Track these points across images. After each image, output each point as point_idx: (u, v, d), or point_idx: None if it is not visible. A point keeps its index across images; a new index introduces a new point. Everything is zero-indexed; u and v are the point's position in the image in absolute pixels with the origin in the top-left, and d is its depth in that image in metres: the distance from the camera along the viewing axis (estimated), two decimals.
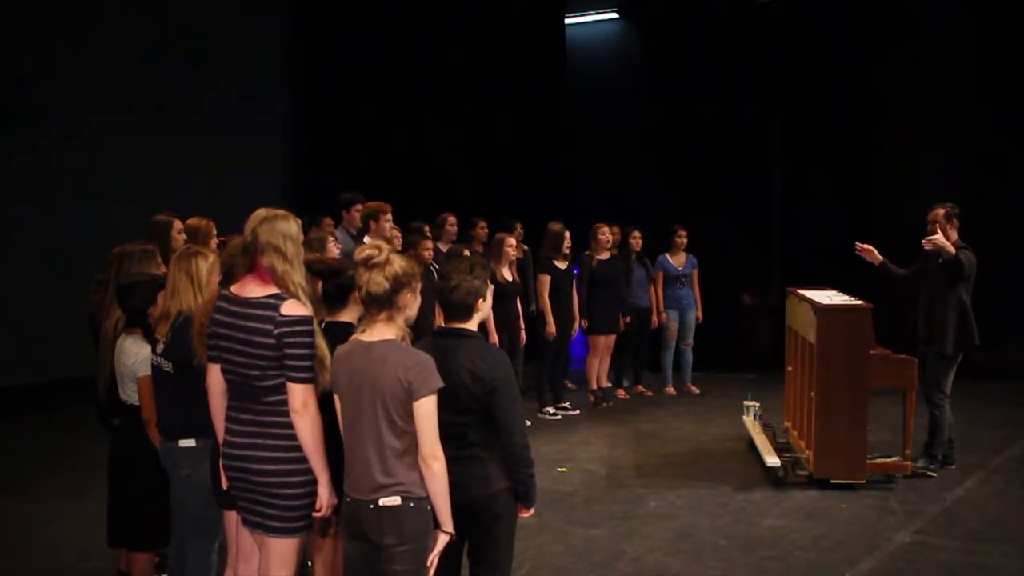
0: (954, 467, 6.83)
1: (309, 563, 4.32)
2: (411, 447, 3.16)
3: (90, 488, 5.98)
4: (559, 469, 6.99)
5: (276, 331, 3.31)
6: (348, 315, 3.80)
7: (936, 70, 10.38)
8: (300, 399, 3.33)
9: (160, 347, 4.02)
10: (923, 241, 6.56)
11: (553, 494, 6.29)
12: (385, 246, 3.36)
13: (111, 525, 4.50)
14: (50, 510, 6.15)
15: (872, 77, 10.71)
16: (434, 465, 3.14)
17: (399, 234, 7.37)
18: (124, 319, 4.39)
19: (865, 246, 6.88)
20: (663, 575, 5.03)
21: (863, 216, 10.71)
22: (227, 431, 3.47)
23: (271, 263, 3.40)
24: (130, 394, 4.30)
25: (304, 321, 3.36)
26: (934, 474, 6.66)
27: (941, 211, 6.79)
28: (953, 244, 6.65)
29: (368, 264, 3.22)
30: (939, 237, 6.50)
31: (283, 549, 3.43)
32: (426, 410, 3.12)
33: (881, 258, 6.89)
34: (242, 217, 3.54)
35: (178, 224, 5.72)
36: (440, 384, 3.15)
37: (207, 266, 4.02)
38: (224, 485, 3.58)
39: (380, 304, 3.21)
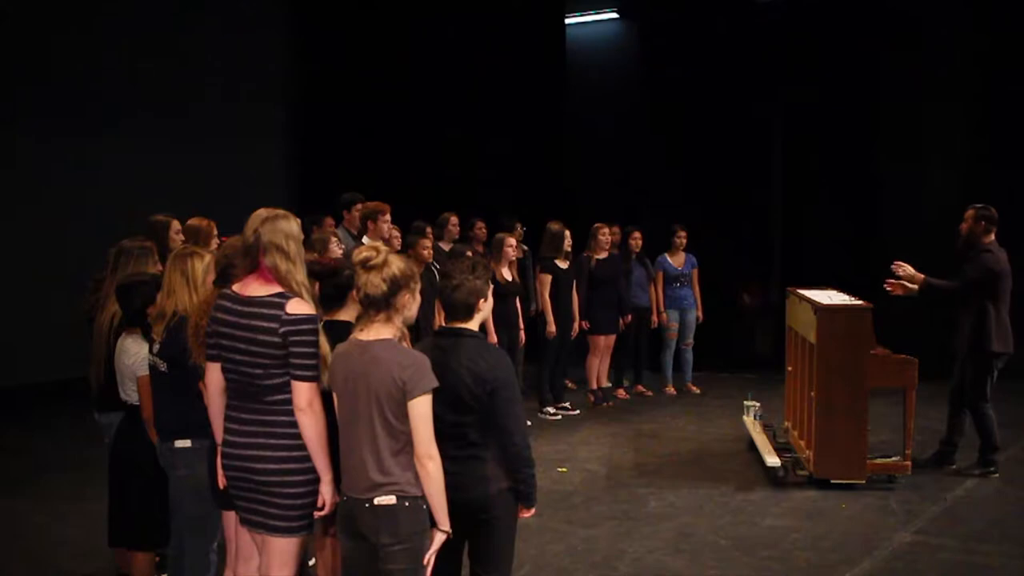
0: (954, 466, 6.84)
1: (310, 563, 4.32)
2: (406, 446, 3.16)
3: (90, 488, 5.98)
4: (559, 469, 6.99)
5: (282, 330, 3.32)
6: (346, 314, 3.81)
7: (937, 70, 10.36)
8: (305, 397, 3.33)
9: (156, 347, 4.02)
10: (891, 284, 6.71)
11: (553, 494, 6.28)
12: (383, 247, 3.37)
13: (111, 524, 4.50)
14: (50, 510, 6.15)
15: (872, 77, 10.70)
16: (429, 465, 3.14)
17: (398, 234, 7.38)
18: (120, 315, 4.40)
19: (894, 282, 6.72)
20: (663, 575, 5.03)
21: (863, 216, 10.71)
22: (227, 431, 3.47)
23: (274, 262, 3.40)
24: (130, 393, 4.30)
25: (309, 319, 3.37)
26: (996, 474, 6.68)
27: (971, 211, 6.74)
28: (980, 248, 6.61)
29: (366, 266, 3.23)
30: (904, 273, 6.63)
31: (285, 548, 3.43)
32: (421, 410, 3.12)
33: (922, 277, 6.64)
34: (243, 217, 3.54)
35: (176, 224, 5.72)
36: (435, 384, 3.15)
37: (203, 266, 4.02)
38: (221, 485, 3.58)
39: (378, 306, 3.22)
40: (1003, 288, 6.64)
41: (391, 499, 3.14)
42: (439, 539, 3.21)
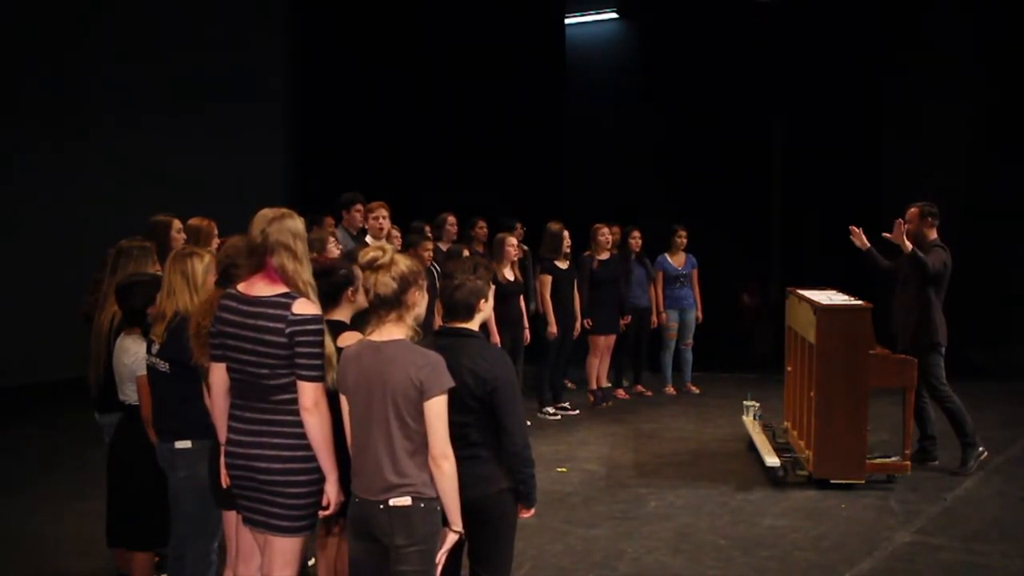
0: (936, 463, 6.87)
1: (310, 563, 4.32)
2: (421, 447, 3.17)
3: (90, 488, 5.97)
4: (559, 469, 6.99)
5: (288, 330, 3.31)
6: (340, 313, 3.82)
7: (936, 69, 10.38)
8: (311, 397, 3.33)
9: (155, 348, 4.02)
10: (884, 235, 6.71)
11: (553, 494, 6.28)
12: (388, 247, 3.37)
13: (110, 524, 4.49)
14: (50, 510, 6.15)
15: (872, 77, 10.71)
16: (444, 465, 3.15)
17: (399, 234, 7.38)
18: (120, 316, 4.39)
19: (856, 229, 6.96)
20: (663, 575, 5.03)
21: (863, 216, 10.67)
22: (231, 430, 3.47)
23: (281, 262, 3.40)
24: (129, 394, 4.30)
25: (315, 320, 3.36)
26: (984, 454, 6.73)
27: (915, 210, 6.86)
28: (929, 244, 6.67)
29: (373, 266, 3.23)
30: (897, 235, 6.61)
31: (287, 548, 3.43)
32: (437, 409, 3.12)
33: (868, 244, 6.94)
34: (243, 217, 3.54)
35: (177, 224, 5.72)
36: (451, 383, 3.16)
37: (203, 267, 4.02)
38: (224, 484, 3.58)
39: (389, 305, 3.22)
40: (945, 285, 6.76)
41: (407, 500, 3.14)
42: (451, 539, 3.22)
